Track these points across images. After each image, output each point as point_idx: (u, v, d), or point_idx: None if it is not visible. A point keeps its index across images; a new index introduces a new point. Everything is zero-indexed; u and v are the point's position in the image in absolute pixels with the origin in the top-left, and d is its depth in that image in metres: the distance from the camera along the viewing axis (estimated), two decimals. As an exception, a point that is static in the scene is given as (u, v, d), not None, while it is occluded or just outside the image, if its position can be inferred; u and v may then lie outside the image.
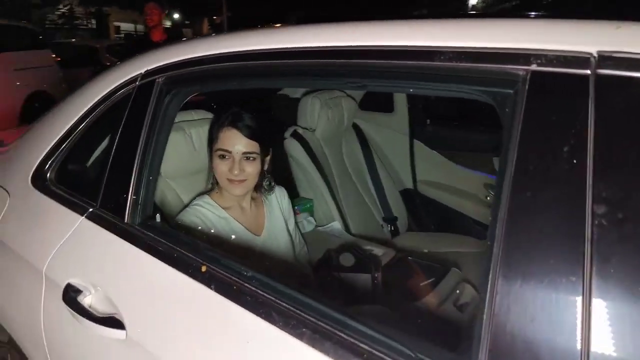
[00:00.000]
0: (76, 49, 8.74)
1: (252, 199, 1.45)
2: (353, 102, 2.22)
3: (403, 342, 0.65)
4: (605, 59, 0.57)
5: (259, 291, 0.77)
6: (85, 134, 1.21)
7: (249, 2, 21.27)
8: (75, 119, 1.21)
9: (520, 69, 0.62)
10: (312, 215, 1.98)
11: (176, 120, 1.45)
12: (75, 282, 0.99)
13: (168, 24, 27.98)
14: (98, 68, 7.65)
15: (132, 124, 1.07)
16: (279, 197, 1.53)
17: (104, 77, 1.20)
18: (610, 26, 0.59)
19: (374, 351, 0.64)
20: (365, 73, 0.75)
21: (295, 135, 2.00)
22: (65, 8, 19.09)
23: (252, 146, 1.29)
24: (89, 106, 1.18)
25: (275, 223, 1.46)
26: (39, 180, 1.24)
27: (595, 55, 0.57)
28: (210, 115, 1.55)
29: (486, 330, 0.56)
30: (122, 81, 1.13)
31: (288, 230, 1.51)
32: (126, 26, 24.67)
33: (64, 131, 1.23)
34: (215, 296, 0.80)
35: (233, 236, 1.34)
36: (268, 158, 1.40)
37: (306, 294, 0.75)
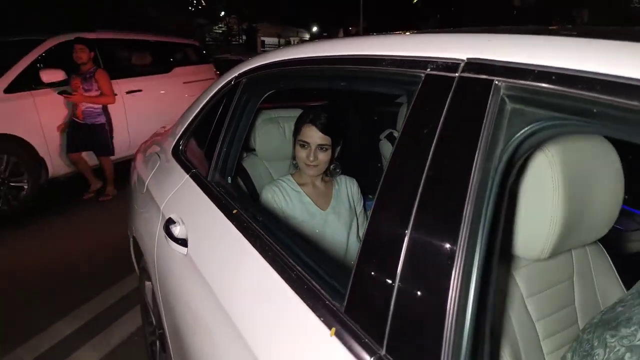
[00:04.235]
0: (230, 62, 9.81)
1: (324, 181, 1.75)
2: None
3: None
4: (471, 65, 0.72)
5: (258, 229, 1.09)
6: (201, 120, 1.69)
7: (384, 13, 21.82)
8: (198, 109, 1.70)
9: (423, 72, 0.80)
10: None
11: (274, 115, 1.87)
12: (173, 216, 1.44)
13: (307, 36, 29.54)
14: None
15: (224, 112, 1.49)
16: (348, 185, 1.80)
17: (220, 78, 1.67)
18: (484, 38, 0.74)
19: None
20: (340, 77, 1.01)
21: (390, 138, 2.23)
22: (223, 26, 20.61)
23: (325, 140, 1.60)
24: (206, 100, 1.66)
25: (340, 203, 1.74)
26: (174, 151, 1.78)
27: (465, 60, 0.73)
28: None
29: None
30: (225, 82, 1.57)
31: (354, 213, 1.78)
32: (270, 40, 26.65)
33: (191, 118, 1.74)
34: (233, 229, 1.14)
35: (302, 205, 1.67)
36: (338, 149, 1.69)
37: (281, 231, 1.04)
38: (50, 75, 4.14)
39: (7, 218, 3.86)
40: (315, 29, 28.62)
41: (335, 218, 1.71)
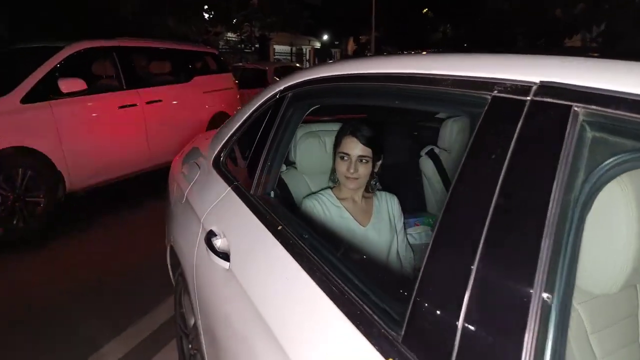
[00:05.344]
0: (247, 71, 9.39)
1: (364, 197, 1.72)
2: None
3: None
4: (545, 88, 0.69)
5: (304, 246, 1.07)
6: (243, 133, 1.69)
7: (394, 22, 22.19)
8: (240, 122, 1.71)
9: (489, 94, 0.77)
10: (432, 230, 2.13)
11: (315, 129, 1.86)
12: (215, 229, 1.44)
13: (318, 45, 29.11)
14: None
15: (268, 126, 1.48)
16: (389, 201, 1.77)
17: (263, 92, 1.67)
18: (557, 60, 0.70)
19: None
20: (394, 95, 0.99)
21: (431, 154, 2.18)
22: (241, 34, 19.83)
23: (366, 151, 1.58)
24: (248, 113, 1.66)
25: (380, 220, 1.71)
26: (215, 162, 1.78)
27: (538, 83, 0.70)
28: (342, 127, 1.90)
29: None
30: (269, 95, 1.56)
31: (394, 231, 1.74)
32: (281, 48, 25.69)
33: (233, 130, 1.74)
34: (279, 246, 1.12)
35: (341, 221, 1.65)
36: (379, 163, 1.66)
37: (328, 251, 1.01)
38: (69, 85, 3.94)
39: (24, 236, 3.65)
40: (325, 37, 28.74)
41: (376, 235, 1.68)
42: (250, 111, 1.65)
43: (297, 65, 13.94)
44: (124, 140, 4.58)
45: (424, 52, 1.01)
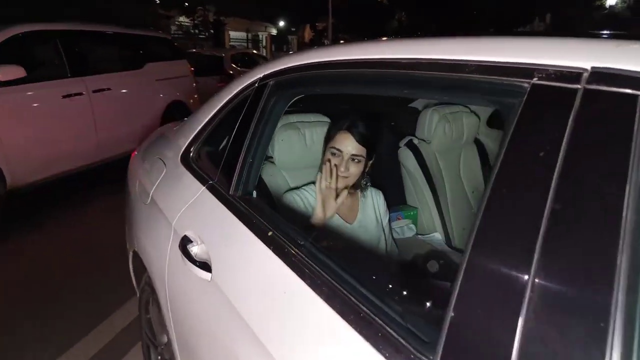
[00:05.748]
0: (204, 58, 8.97)
1: (350, 193, 1.62)
2: (475, 118, 2.23)
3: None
4: (599, 75, 0.60)
5: (302, 255, 0.95)
6: (217, 125, 1.53)
7: (350, 9, 22.72)
8: (212, 113, 1.55)
9: (527, 82, 0.67)
10: (414, 223, 2.06)
11: (293, 120, 1.73)
12: (190, 234, 1.29)
13: (274, 31, 29.13)
14: (224, 77, 7.59)
15: (246, 118, 1.34)
16: (374, 197, 1.68)
17: (238, 80, 1.51)
18: (611, 44, 0.62)
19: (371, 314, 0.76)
20: (404, 83, 0.88)
21: (410, 145, 2.10)
22: (196, 19, 19.20)
23: (360, 150, 1.47)
24: (222, 103, 1.51)
25: (366, 216, 1.62)
26: (184, 158, 1.62)
27: (589, 70, 0.61)
28: (323, 119, 1.77)
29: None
30: (246, 84, 1.41)
31: (380, 226, 1.65)
32: (237, 34, 24.99)
33: (204, 123, 1.58)
34: (272, 255, 0.99)
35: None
36: (370, 162, 1.56)
37: (332, 261, 0.90)
38: (6, 72, 3.56)
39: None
40: (282, 23, 28.50)
41: (363, 232, 1.59)
42: (224, 101, 1.50)
43: (255, 52, 13.56)
44: (70, 132, 4.23)
45: (449, 36, 0.91)
